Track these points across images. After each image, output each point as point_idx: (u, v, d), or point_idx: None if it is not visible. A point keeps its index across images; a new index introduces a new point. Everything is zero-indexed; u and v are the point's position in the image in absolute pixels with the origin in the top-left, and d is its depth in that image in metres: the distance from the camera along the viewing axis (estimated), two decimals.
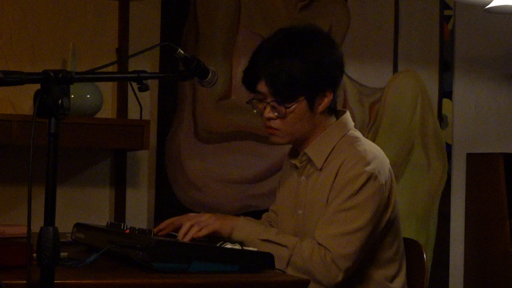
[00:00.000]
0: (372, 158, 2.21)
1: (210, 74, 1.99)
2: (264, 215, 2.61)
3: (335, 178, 2.21)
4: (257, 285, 1.87)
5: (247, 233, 2.17)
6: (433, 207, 3.99)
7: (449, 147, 4.03)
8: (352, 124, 2.35)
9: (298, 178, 2.34)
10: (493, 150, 4.07)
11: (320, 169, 2.27)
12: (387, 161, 2.27)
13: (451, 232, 4.04)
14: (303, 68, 2.19)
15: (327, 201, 2.21)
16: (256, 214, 3.66)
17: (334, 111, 2.34)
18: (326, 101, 2.26)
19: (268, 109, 2.25)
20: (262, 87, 2.24)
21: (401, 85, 3.96)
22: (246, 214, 3.66)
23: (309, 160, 2.30)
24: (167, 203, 3.59)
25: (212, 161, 3.67)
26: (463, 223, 4.07)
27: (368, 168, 2.17)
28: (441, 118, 4.02)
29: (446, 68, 4.05)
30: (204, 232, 2.18)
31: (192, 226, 2.19)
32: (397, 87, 3.95)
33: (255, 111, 2.31)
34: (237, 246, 1.99)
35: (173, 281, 1.79)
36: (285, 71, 2.19)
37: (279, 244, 2.16)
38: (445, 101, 4.04)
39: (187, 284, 1.80)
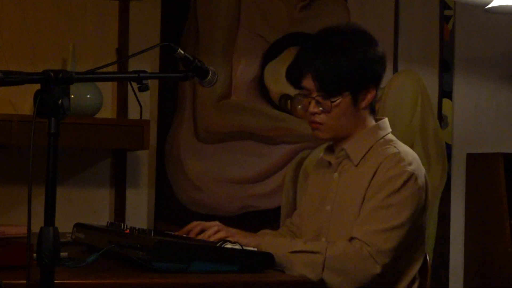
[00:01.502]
0: (412, 160, 2.24)
1: (210, 74, 2.00)
2: (287, 222, 2.61)
3: (373, 176, 2.23)
4: (257, 285, 1.87)
5: (275, 249, 2.15)
6: (433, 207, 3.99)
7: (449, 147, 4.03)
8: (390, 130, 2.39)
9: (330, 175, 2.36)
10: (493, 150, 4.07)
11: (356, 165, 2.29)
12: (423, 168, 2.31)
13: (451, 232, 4.03)
14: (347, 63, 2.26)
15: (363, 199, 2.23)
16: (256, 214, 3.69)
17: (374, 112, 2.39)
18: (369, 97, 2.32)
19: (313, 104, 2.30)
20: (307, 82, 2.30)
21: (401, 85, 3.96)
22: (246, 214, 3.68)
23: (346, 156, 2.33)
24: (167, 203, 3.59)
25: (212, 161, 3.67)
26: (463, 223, 4.07)
27: (410, 168, 2.20)
28: (441, 118, 4.02)
29: (446, 68, 4.04)
30: (230, 240, 2.19)
31: (219, 231, 2.23)
32: (397, 87, 3.95)
33: (299, 106, 2.36)
34: (237, 246, 1.99)
35: (173, 281, 1.79)
36: (331, 67, 2.25)
37: (310, 252, 2.16)
38: (445, 101, 4.04)
39: (187, 284, 1.80)
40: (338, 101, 2.27)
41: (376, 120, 2.39)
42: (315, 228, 2.35)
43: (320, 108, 2.29)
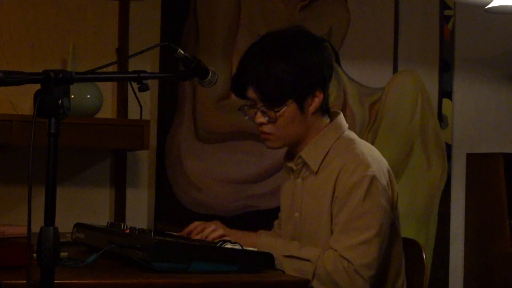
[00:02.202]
0: (371, 161, 2.21)
1: (210, 74, 2.00)
2: (275, 223, 2.61)
3: (335, 183, 2.21)
4: (257, 285, 1.87)
5: (268, 250, 2.15)
6: (433, 207, 3.99)
7: (449, 147, 4.03)
8: (346, 125, 2.34)
9: (295, 181, 2.35)
10: (493, 150, 4.07)
11: (316, 172, 2.27)
12: (384, 162, 2.28)
13: (451, 232, 4.03)
14: (289, 70, 2.20)
15: (330, 206, 2.21)
16: (256, 214, 3.68)
17: (328, 112, 2.33)
18: (317, 101, 2.26)
19: (259, 114, 2.26)
20: (251, 93, 2.25)
21: (401, 85, 3.96)
22: (246, 214, 3.68)
23: (304, 163, 2.30)
24: (167, 203, 3.59)
25: (212, 161, 3.67)
26: (463, 223, 4.07)
27: (369, 171, 2.17)
28: (441, 118, 4.02)
29: (446, 68, 4.04)
30: (228, 238, 2.20)
31: (218, 230, 2.24)
32: (397, 87, 3.95)
33: (246, 117, 2.33)
34: (237, 246, 1.99)
35: (173, 281, 1.79)
36: (272, 76, 2.19)
37: (302, 259, 2.17)
38: (445, 101, 4.04)
39: (187, 284, 1.80)
40: (282, 110, 2.22)
41: (332, 116, 2.33)
42: (289, 234, 2.35)
43: (266, 118, 2.25)
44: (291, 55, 2.22)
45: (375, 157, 2.24)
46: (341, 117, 2.34)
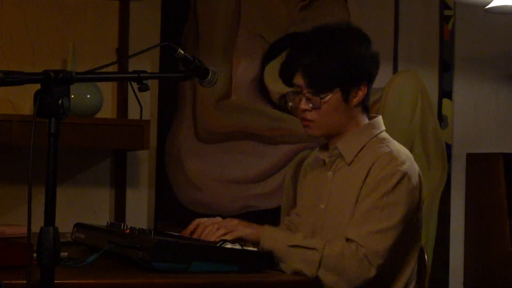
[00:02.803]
0: (405, 159, 2.24)
1: (210, 74, 2.00)
2: (285, 220, 2.60)
3: (366, 176, 2.23)
4: (257, 285, 1.87)
5: (274, 241, 2.17)
6: (433, 207, 3.99)
7: (449, 147, 4.03)
8: (384, 128, 2.38)
9: (325, 174, 2.36)
10: (493, 150, 4.07)
11: (349, 164, 2.29)
12: (416, 166, 2.30)
13: (451, 232, 4.03)
14: (337, 60, 2.26)
15: (357, 198, 2.23)
16: (256, 214, 3.68)
17: (367, 110, 2.38)
18: (361, 94, 2.31)
19: (303, 100, 2.31)
20: (298, 80, 2.31)
21: (401, 85, 3.96)
22: (246, 214, 3.68)
23: (339, 155, 2.33)
24: (167, 203, 3.59)
25: (212, 161, 3.67)
26: (463, 223, 4.07)
27: (402, 167, 2.20)
28: (441, 118, 4.02)
29: (446, 68, 4.04)
30: (230, 236, 2.19)
31: (219, 229, 2.22)
32: (397, 87, 3.95)
33: (290, 103, 2.37)
34: (237, 246, 1.99)
35: (173, 281, 1.79)
36: (320, 63, 2.26)
37: (307, 248, 2.16)
38: (445, 101, 4.04)
39: (187, 284, 1.80)
40: (327, 98, 2.27)
41: (370, 119, 2.38)
42: (310, 226, 2.35)
43: (310, 105, 2.29)
44: (339, 46, 2.28)
45: (409, 157, 2.28)
46: (380, 119, 2.40)
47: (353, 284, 2.13)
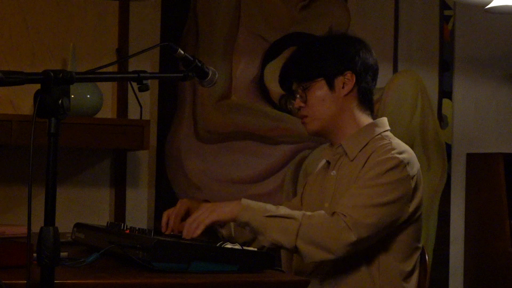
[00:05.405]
0: (404, 150, 2.25)
1: (210, 74, 2.00)
2: (284, 203, 2.59)
3: (364, 164, 2.24)
4: (257, 285, 1.87)
5: (251, 213, 2.14)
6: (433, 207, 3.99)
7: (449, 147, 4.03)
8: (389, 128, 2.39)
9: (328, 174, 2.37)
10: (493, 150, 4.07)
11: (352, 160, 2.30)
12: (417, 163, 2.29)
13: (451, 232, 4.03)
14: (319, 51, 2.33)
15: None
16: None
17: (370, 109, 2.38)
18: (349, 83, 2.32)
19: (297, 99, 2.36)
20: (295, 86, 2.38)
21: (401, 85, 3.96)
22: None
23: (344, 153, 2.34)
24: (167, 203, 3.58)
25: (212, 161, 3.67)
26: (463, 223, 4.07)
27: (400, 156, 2.20)
28: (441, 118, 4.02)
29: (446, 68, 4.05)
30: (198, 231, 2.14)
31: (197, 228, 2.18)
32: (397, 87, 3.95)
33: (290, 106, 2.42)
34: (237, 246, 1.99)
35: (173, 281, 1.79)
36: (307, 55, 2.34)
37: (285, 217, 2.13)
38: (445, 101, 4.04)
39: (187, 284, 1.80)
40: (310, 86, 2.32)
41: (375, 119, 2.40)
42: None
43: (302, 101, 2.34)
44: (325, 41, 2.40)
45: (410, 153, 2.27)
46: (385, 120, 2.40)
47: (333, 253, 2.09)
